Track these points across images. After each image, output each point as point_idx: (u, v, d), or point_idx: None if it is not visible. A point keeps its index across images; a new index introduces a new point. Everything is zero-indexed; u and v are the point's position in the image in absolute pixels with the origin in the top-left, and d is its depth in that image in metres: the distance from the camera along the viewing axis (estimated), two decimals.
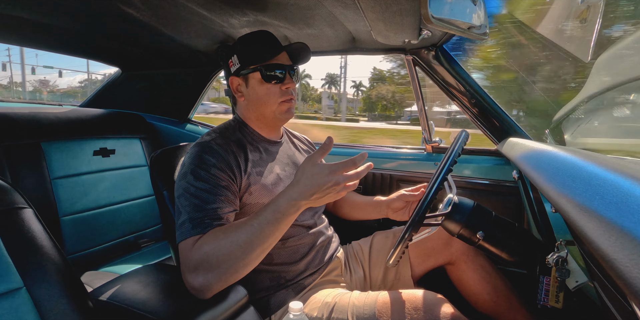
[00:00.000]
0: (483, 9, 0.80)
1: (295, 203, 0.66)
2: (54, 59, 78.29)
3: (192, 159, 0.80)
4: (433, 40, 1.15)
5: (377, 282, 1.05)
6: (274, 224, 0.67)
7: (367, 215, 1.12)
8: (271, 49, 0.90)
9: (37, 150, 1.27)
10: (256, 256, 0.68)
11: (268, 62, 0.89)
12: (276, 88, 0.90)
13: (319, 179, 0.64)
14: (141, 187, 1.56)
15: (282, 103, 0.91)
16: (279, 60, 0.91)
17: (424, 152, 1.45)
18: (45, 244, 0.61)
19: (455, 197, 0.84)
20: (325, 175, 0.64)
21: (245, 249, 0.66)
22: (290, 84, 0.91)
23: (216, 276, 0.66)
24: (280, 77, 0.90)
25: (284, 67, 0.90)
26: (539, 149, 0.65)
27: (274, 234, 0.68)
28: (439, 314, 0.73)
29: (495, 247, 0.80)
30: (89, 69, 43.95)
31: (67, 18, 1.19)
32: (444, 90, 1.29)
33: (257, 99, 0.91)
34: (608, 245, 0.26)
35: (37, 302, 0.56)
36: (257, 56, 0.89)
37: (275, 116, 0.92)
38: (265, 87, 0.90)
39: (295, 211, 0.68)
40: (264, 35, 0.92)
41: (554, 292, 0.73)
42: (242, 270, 0.68)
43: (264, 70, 0.89)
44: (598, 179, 0.34)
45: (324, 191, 0.64)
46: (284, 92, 0.91)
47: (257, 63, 0.89)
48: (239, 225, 0.69)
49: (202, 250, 0.68)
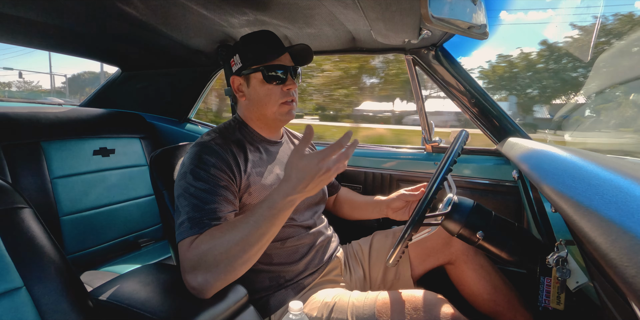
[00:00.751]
0: (483, 9, 0.80)
1: (290, 198, 0.66)
2: (13, 61, 79.10)
3: (191, 159, 0.80)
4: (433, 40, 1.15)
5: (376, 282, 1.05)
6: (270, 220, 0.67)
7: (367, 215, 1.12)
8: (274, 50, 0.90)
9: (37, 150, 1.27)
10: (254, 253, 0.68)
11: (270, 63, 0.89)
12: (277, 89, 0.90)
13: (309, 170, 0.64)
14: (141, 186, 1.56)
15: (283, 104, 0.91)
16: (281, 61, 0.90)
17: (423, 152, 1.45)
18: (45, 243, 0.61)
19: (455, 197, 0.84)
20: (315, 165, 0.64)
21: (242, 247, 0.66)
22: (292, 85, 0.90)
23: (215, 275, 0.66)
24: (282, 78, 0.89)
25: (286, 68, 0.90)
26: (539, 148, 0.65)
27: (271, 230, 0.68)
28: (439, 314, 0.73)
29: (495, 247, 0.80)
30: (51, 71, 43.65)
31: (67, 18, 1.18)
32: (443, 90, 1.29)
33: (258, 99, 0.91)
34: (608, 245, 0.26)
35: (37, 302, 0.56)
36: (259, 56, 0.88)
37: (276, 117, 0.92)
38: (267, 87, 0.89)
39: (291, 206, 0.68)
40: (266, 36, 0.92)
41: (555, 294, 0.73)
42: (240, 268, 0.68)
43: (266, 70, 0.88)
44: (598, 178, 0.34)
45: (317, 180, 0.65)
46: (285, 93, 0.91)
47: (259, 63, 0.88)
48: (235, 223, 0.69)
49: (200, 250, 0.68)
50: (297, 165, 0.65)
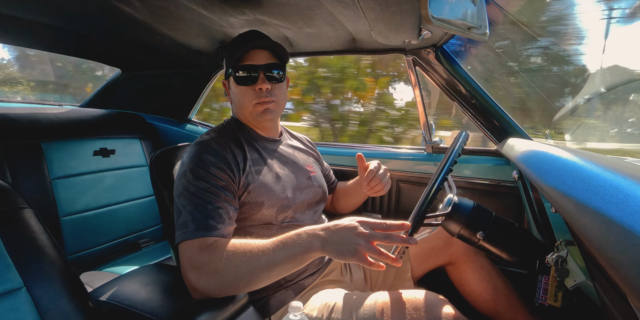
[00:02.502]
0: (483, 9, 0.80)
1: (321, 250, 0.66)
2: None
3: (191, 158, 0.80)
4: (433, 40, 1.15)
5: (377, 283, 1.05)
6: (298, 261, 0.67)
7: (361, 195, 1.12)
8: (240, 50, 0.86)
9: (37, 151, 1.27)
10: (261, 282, 0.69)
11: (240, 64, 0.87)
12: (250, 89, 0.88)
13: (348, 235, 0.65)
14: (141, 187, 1.56)
15: (256, 105, 0.89)
16: (252, 60, 0.87)
17: (424, 152, 1.45)
18: (45, 244, 0.61)
19: (455, 197, 0.84)
20: (354, 235, 0.64)
21: (258, 274, 0.67)
22: (263, 84, 0.86)
23: (216, 285, 0.67)
24: (252, 77, 0.87)
25: (254, 67, 0.87)
26: (539, 149, 0.65)
27: (292, 269, 0.69)
28: (440, 314, 0.72)
29: (495, 247, 0.80)
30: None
31: (67, 18, 1.19)
32: (444, 90, 1.29)
33: (237, 101, 0.92)
34: (608, 245, 0.26)
35: (37, 302, 0.56)
36: (229, 58, 0.88)
37: (254, 118, 0.92)
38: (240, 89, 0.89)
39: (320, 254, 0.68)
40: (246, 36, 0.91)
41: (553, 291, 0.73)
42: (243, 288, 0.69)
43: (235, 71, 0.87)
44: (598, 179, 0.34)
45: (347, 246, 0.64)
46: (258, 93, 0.88)
47: (230, 65, 0.88)
48: (263, 249, 0.69)
49: (214, 256, 0.68)
50: (346, 226, 0.66)
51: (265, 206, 0.86)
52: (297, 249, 0.67)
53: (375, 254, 0.63)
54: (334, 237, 0.66)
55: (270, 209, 0.86)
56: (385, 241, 0.65)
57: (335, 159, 1.53)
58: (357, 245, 0.63)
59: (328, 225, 0.68)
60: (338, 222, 0.68)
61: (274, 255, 0.67)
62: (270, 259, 0.67)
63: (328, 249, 0.65)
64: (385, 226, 0.66)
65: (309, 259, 0.68)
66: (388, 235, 0.65)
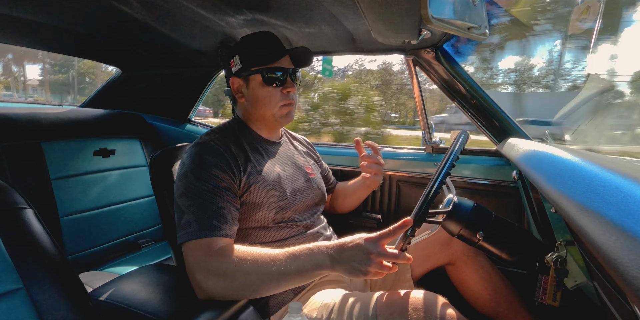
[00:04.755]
0: (483, 9, 0.80)
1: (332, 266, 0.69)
2: None
3: (192, 159, 0.80)
4: (433, 40, 1.15)
5: (376, 283, 1.05)
6: (307, 275, 0.69)
7: (360, 194, 1.15)
8: (274, 53, 0.90)
9: (37, 151, 1.27)
10: (267, 291, 0.70)
11: (270, 65, 0.89)
12: (277, 91, 0.90)
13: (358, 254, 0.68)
14: (141, 187, 1.56)
15: (282, 106, 0.91)
16: (281, 63, 0.90)
17: (424, 153, 1.45)
18: (45, 244, 0.61)
19: (455, 198, 0.84)
20: (365, 254, 0.67)
21: (267, 283, 0.69)
22: (291, 87, 0.91)
23: (223, 289, 0.68)
24: (281, 80, 0.90)
25: (285, 70, 0.90)
26: (539, 149, 0.65)
27: (299, 282, 0.70)
28: (440, 314, 0.72)
29: (495, 247, 0.80)
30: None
31: (66, 18, 1.19)
32: (444, 91, 1.29)
33: (257, 100, 0.91)
34: (608, 245, 0.26)
35: (37, 303, 0.56)
36: (259, 58, 0.88)
37: (275, 119, 0.93)
38: (266, 89, 0.90)
39: (330, 271, 0.70)
40: (267, 37, 0.92)
41: (552, 291, 0.73)
42: (249, 295, 0.70)
43: (266, 72, 0.88)
44: (598, 179, 0.34)
45: (357, 265, 0.67)
46: (285, 95, 0.91)
47: (259, 65, 0.88)
48: (274, 258, 0.70)
49: (225, 260, 0.69)
50: (356, 245, 0.68)
51: (264, 207, 0.86)
52: (307, 263, 0.69)
53: (384, 271, 0.68)
54: (345, 256, 0.68)
55: (269, 210, 0.86)
56: (391, 259, 0.69)
57: (335, 159, 1.53)
58: (368, 266, 0.67)
59: (339, 244, 0.71)
60: (348, 241, 0.70)
61: (285, 267, 0.68)
62: (281, 270, 0.68)
63: (338, 268, 0.69)
64: (390, 232, 0.69)
65: (318, 275, 0.70)
66: (394, 254, 0.69)
